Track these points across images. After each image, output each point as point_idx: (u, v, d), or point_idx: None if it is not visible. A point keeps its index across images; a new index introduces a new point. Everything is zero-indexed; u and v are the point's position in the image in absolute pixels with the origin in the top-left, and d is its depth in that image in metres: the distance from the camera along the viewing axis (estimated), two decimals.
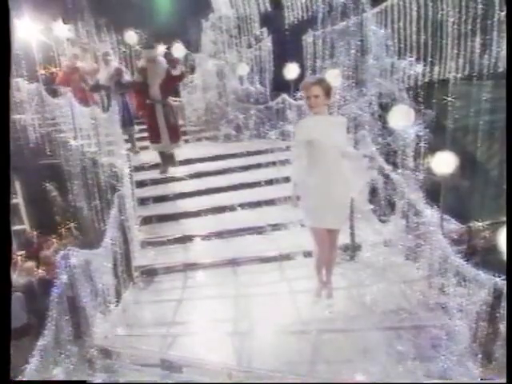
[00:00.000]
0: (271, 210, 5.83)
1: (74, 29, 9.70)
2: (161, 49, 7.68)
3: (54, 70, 9.87)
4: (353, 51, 5.88)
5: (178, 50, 8.59)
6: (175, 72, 6.42)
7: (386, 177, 4.92)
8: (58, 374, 3.26)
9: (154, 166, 6.96)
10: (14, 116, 8.22)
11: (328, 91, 3.66)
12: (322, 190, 3.71)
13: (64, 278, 3.50)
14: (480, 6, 6.60)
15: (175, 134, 6.75)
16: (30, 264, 5.84)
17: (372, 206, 5.20)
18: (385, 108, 5.19)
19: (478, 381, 3.19)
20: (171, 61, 6.52)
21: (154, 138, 6.73)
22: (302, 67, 7.53)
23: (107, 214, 5.01)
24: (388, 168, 4.96)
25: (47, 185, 8.53)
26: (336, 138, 3.69)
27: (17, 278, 5.39)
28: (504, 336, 3.01)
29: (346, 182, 3.82)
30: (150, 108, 6.61)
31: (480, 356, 3.25)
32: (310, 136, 3.69)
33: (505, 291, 2.94)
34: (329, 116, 3.77)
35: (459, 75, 6.96)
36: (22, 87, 8.69)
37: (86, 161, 7.18)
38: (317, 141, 3.67)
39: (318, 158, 3.70)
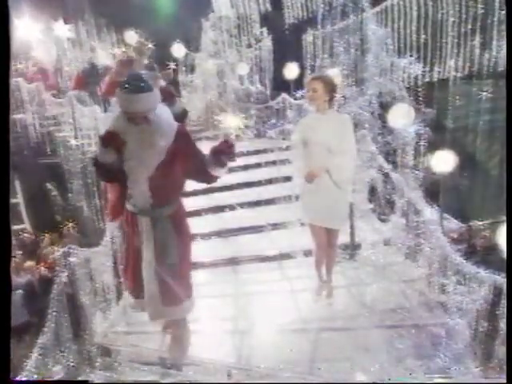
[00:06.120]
0: (271, 209, 5.83)
1: (75, 29, 9.70)
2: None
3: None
4: (352, 50, 5.88)
5: (178, 49, 8.63)
6: (216, 171, 3.11)
7: (386, 176, 4.91)
8: (57, 371, 3.26)
9: None
10: (14, 116, 8.21)
11: (329, 88, 3.66)
12: (319, 189, 3.71)
13: (64, 275, 3.51)
14: (480, 6, 6.61)
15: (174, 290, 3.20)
16: (30, 263, 5.86)
17: (372, 205, 5.20)
18: (385, 107, 5.19)
19: (478, 380, 3.19)
20: (225, 152, 3.12)
21: (131, 286, 3.30)
22: (302, 67, 7.55)
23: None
24: (388, 167, 4.96)
25: (47, 184, 8.51)
26: (332, 137, 3.65)
27: (17, 278, 5.41)
28: (504, 334, 3.01)
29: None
30: (130, 222, 3.14)
31: (480, 354, 3.25)
32: (304, 135, 3.71)
33: (505, 289, 2.94)
34: (330, 114, 3.74)
35: (459, 75, 6.97)
36: (22, 87, 8.68)
37: (87, 160, 7.17)
38: (310, 140, 3.68)
39: (314, 157, 3.71)
